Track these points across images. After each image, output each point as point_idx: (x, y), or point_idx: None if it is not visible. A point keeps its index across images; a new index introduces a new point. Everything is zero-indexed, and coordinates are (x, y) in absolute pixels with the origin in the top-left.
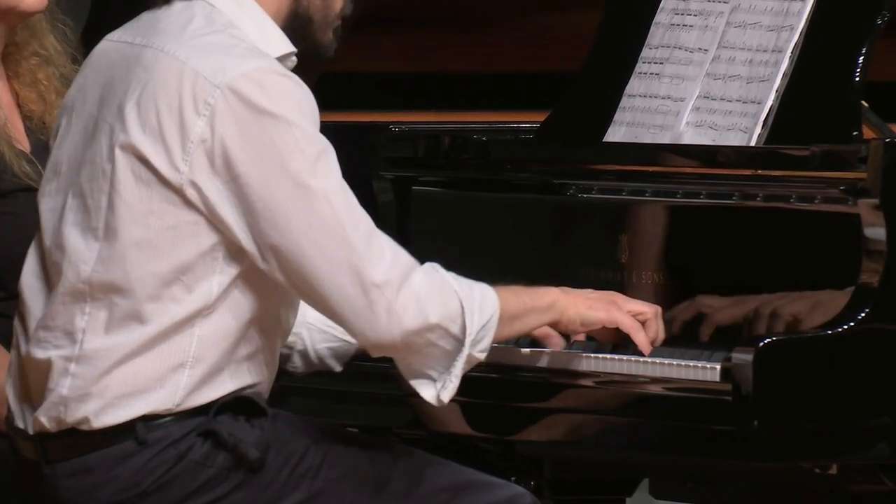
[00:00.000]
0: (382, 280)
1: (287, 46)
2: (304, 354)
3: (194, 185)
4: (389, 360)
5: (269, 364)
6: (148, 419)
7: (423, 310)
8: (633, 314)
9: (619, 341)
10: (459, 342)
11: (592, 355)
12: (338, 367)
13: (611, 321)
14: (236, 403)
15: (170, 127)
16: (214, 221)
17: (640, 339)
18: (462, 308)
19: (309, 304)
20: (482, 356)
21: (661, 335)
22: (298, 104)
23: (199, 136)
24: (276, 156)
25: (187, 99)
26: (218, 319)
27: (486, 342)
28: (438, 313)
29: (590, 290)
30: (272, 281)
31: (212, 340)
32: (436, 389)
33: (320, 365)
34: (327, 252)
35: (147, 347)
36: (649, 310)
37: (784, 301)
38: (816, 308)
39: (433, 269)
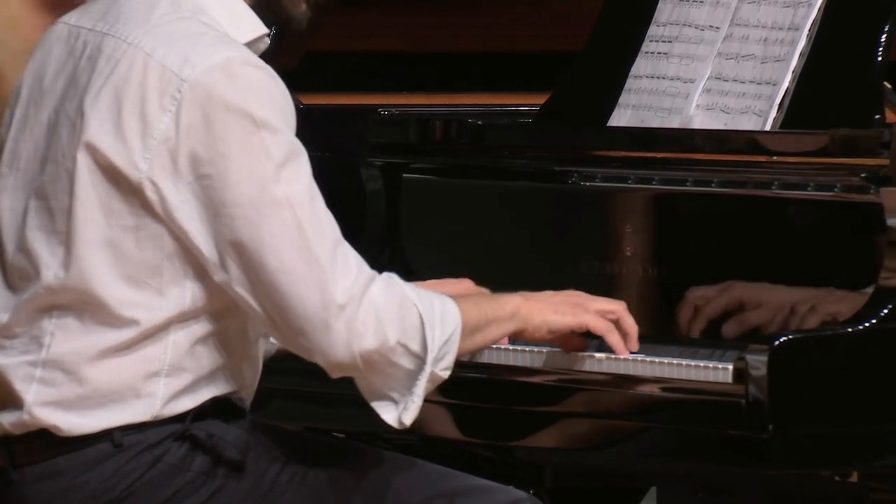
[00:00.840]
0: (345, 296)
1: (259, 28)
2: None
3: (153, 183)
4: None
5: (251, 370)
6: (124, 428)
7: (383, 326)
8: (602, 314)
9: (583, 347)
10: (421, 360)
11: (596, 355)
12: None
13: (579, 325)
14: (214, 406)
15: (131, 123)
16: (171, 226)
17: (615, 340)
18: (422, 323)
19: (266, 323)
20: (446, 374)
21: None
22: (270, 100)
23: (162, 133)
24: (241, 157)
25: (152, 94)
26: (195, 327)
27: (450, 359)
28: (397, 328)
29: (551, 293)
30: None
31: (189, 349)
32: (397, 411)
33: None
34: (288, 263)
35: (118, 354)
36: (618, 307)
37: (801, 296)
38: (836, 304)
39: (391, 281)
